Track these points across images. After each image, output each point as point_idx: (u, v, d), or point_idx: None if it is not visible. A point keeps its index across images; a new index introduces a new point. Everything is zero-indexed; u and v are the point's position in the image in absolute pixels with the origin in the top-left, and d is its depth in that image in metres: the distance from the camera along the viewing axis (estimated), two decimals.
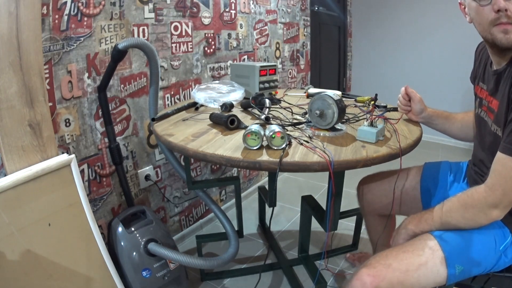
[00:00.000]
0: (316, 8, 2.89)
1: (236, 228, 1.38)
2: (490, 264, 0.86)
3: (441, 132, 1.20)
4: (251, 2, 2.10)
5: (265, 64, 1.47)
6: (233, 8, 1.96)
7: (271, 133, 0.88)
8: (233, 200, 2.10)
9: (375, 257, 0.85)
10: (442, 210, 0.87)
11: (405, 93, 1.16)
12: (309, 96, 1.54)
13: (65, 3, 1.17)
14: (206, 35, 1.79)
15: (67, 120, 1.23)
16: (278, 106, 1.35)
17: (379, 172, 1.26)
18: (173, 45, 1.62)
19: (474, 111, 1.03)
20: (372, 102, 1.29)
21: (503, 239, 0.86)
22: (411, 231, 0.92)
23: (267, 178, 2.38)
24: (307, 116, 1.14)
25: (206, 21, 1.78)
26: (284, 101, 1.41)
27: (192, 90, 1.53)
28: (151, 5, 1.47)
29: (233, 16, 1.97)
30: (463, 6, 0.88)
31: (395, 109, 1.31)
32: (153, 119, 1.19)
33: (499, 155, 0.78)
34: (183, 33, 1.65)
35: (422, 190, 1.15)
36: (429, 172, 1.17)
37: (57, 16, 1.15)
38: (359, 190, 1.31)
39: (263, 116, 1.10)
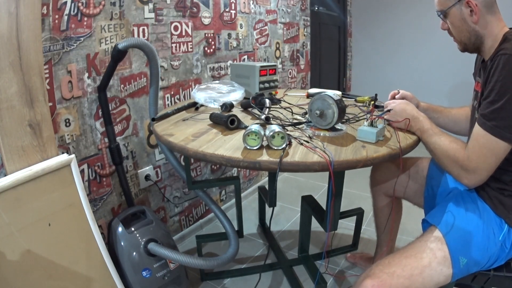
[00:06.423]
0: (316, 8, 2.89)
1: (236, 228, 1.38)
2: (493, 256, 0.87)
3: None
4: (251, 2, 2.10)
5: (265, 64, 1.47)
6: (233, 8, 1.95)
7: (271, 133, 0.88)
8: (233, 200, 2.10)
9: (378, 266, 0.85)
10: (435, 138, 0.92)
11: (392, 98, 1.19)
12: (309, 96, 1.54)
13: (65, 3, 1.17)
14: (206, 35, 1.79)
15: (67, 120, 1.23)
16: (278, 106, 1.35)
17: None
18: (173, 45, 1.62)
19: (471, 104, 1.04)
20: (372, 102, 1.29)
21: (500, 230, 0.88)
22: (416, 119, 0.97)
23: (267, 178, 2.38)
24: (307, 116, 1.14)
25: (206, 21, 1.78)
26: (284, 101, 1.41)
27: (192, 90, 1.53)
28: (151, 5, 1.47)
29: (233, 16, 1.97)
30: None
31: None
32: (153, 119, 1.19)
33: (476, 127, 0.84)
34: (183, 33, 1.65)
35: (426, 183, 1.17)
36: (435, 167, 1.18)
37: (57, 16, 1.15)
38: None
39: (263, 116, 1.10)
